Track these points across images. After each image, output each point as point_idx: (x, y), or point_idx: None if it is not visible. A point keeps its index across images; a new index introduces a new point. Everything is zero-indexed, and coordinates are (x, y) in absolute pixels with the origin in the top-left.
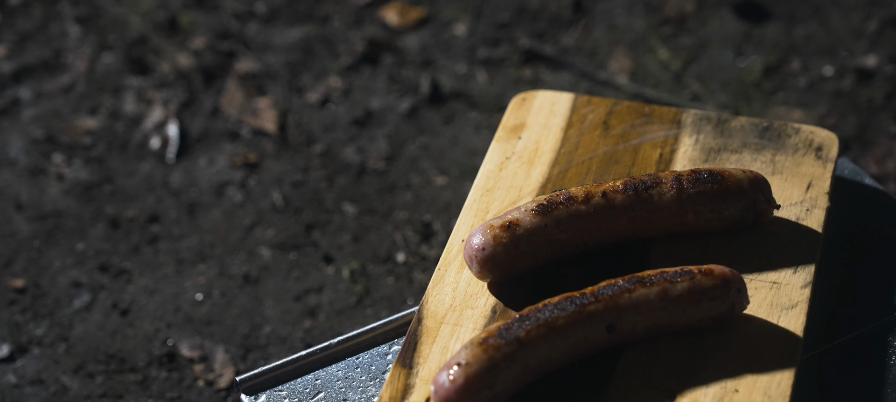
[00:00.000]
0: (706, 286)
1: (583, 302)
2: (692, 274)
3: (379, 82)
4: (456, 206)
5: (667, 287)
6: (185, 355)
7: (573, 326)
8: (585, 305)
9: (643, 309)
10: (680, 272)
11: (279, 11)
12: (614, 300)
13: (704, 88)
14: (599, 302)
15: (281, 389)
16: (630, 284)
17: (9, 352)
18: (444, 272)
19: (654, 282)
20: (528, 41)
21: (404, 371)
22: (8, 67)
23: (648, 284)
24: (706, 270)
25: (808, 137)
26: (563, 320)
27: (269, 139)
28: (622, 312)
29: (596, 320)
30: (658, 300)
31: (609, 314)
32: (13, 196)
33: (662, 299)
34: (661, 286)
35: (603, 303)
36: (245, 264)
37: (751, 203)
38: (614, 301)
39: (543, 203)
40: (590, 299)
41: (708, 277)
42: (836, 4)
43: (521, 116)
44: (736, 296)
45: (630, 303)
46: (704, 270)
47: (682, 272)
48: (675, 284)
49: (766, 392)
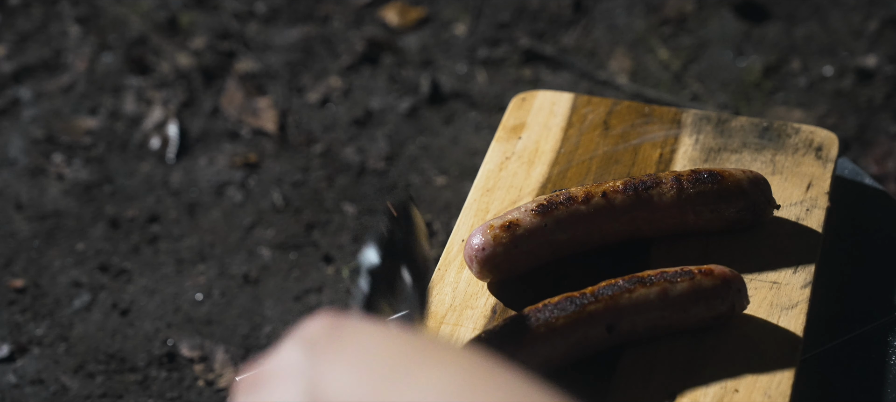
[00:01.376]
0: (706, 286)
1: (582, 302)
2: (692, 274)
3: (379, 82)
4: (456, 206)
5: (667, 287)
6: (185, 355)
7: (573, 326)
8: (585, 305)
9: (643, 309)
10: (680, 272)
11: (279, 11)
12: (614, 300)
13: (704, 88)
14: (599, 302)
15: None
16: (630, 284)
17: (9, 352)
18: (444, 272)
19: (654, 282)
20: (528, 41)
21: None
22: (8, 67)
23: (648, 284)
24: (706, 270)
25: (808, 137)
26: (563, 320)
27: (269, 139)
28: (622, 312)
29: (596, 320)
30: (658, 300)
31: (609, 314)
32: (13, 196)
33: (662, 298)
34: (661, 286)
35: (603, 303)
36: (245, 264)
37: (751, 203)
38: (614, 301)
39: (543, 203)
40: (589, 299)
41: (708, 277)
42: (836, 4)
43: (521, 116)
44: (736, 296)
45: (630, 303)
46: (704, 270)
47: (682, 272)
48: (675, 284)
49: (766, 392)
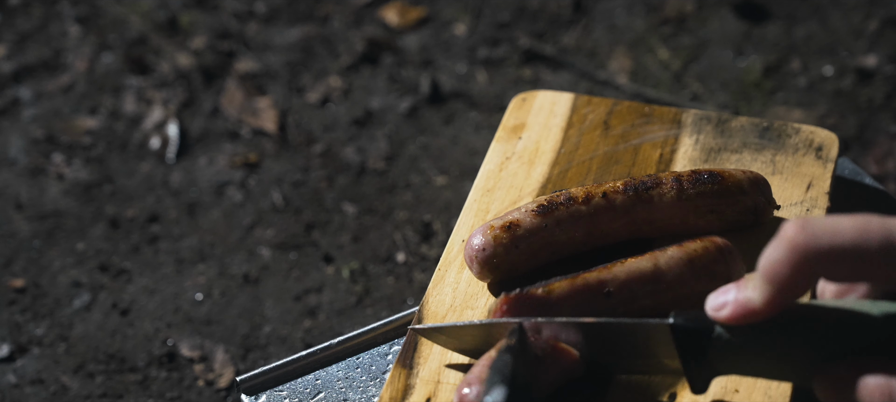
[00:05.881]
0: (698, 251)
1: (580, 271)
2: (682, 242)
3: (379, 82)
4: (456, 206)
5: (657, 257)
6: (185, 355)
7: (572, 290)
8: (583, 272)
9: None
10: (672, 245)
11: (279, 11)
12: (609, 269)
13: (704, 87)
14: (596, 271)
15: (281, 389)
16: (622, 259)
17: (9, 352)
18: (445, 273)
19: (644, 253)
20: (528, 41)
21: (405, 372)
22: (8, 67)
23: (640, 254)
24: (698, 239)
25: (808, 137)
26: (562, 286)
27: (269, 139)
28: (616, 279)
29: (595, 287)
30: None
31: (607, 282)
32: (13, 196)
33: (655, 270)
34: (652, 257)
35: (598, 273)
36: (245, 263)
37: (751, 203)
38: (609, 270)
39: (544, 204)
40: (587, 269)
41: (698, 242)
42: (836, 4)
43: (521, 116)
44: (732, 262)
45: (623, 270)
46: (697, 239)
47: (674, 246)
48: (665, 252)
49: (766, 392)
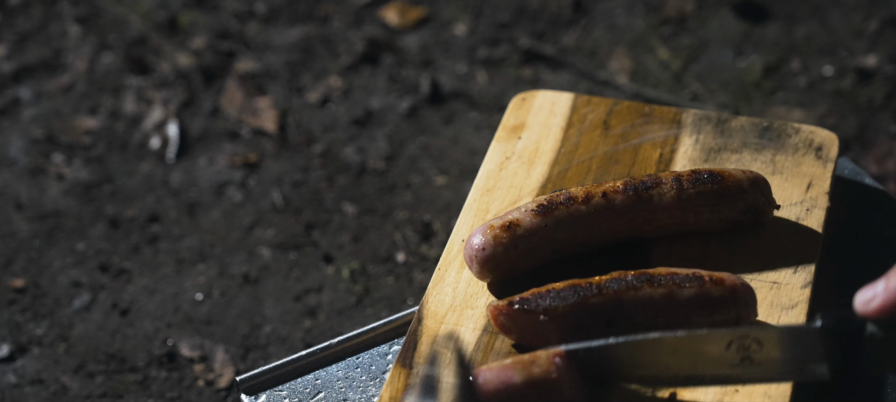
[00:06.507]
0: (714, 296)
1: (586, 293)
2: (702, 280)
3: (379, 82)
4: (456, 206)
5: (674, 290)
6: (185, 355)
7: (573, 312)
8: (588, 296)
9: (647, 309)
10: (690, 277)
11: (279, 11)
12: (618, 296)
13: (704, 87)
14: (603, 296)
15: (281, 389)
16: (638, 281)
17: (9, 352)
18: (444, 272)
19: (661, 283)
20: (528, 41)
21: (404, 371)
22: (8, 67)
23: (656, 284)
24: (717, 278)
25: (808, 137)
26: (564, 308)
27: (269, 139)
28: (624, 308)
29: (597, 312)
30: (663, 302)
31: (611, 308)
32: (13, 196)
33: (668, 301)
34: (668, 289)
35: (606, 297)
36: (245, 263)
37: (751, 203)
38: (618, 297)
39: (543, 203)
40: (594, 291)
41: (718, 286)
42: (836, 4)
43: (521, 115)
44: (743, 309)
45: (634, 300)
46: (716, 278)
47: (692, 277)
48: (682, 288)
49: (767, 392)
